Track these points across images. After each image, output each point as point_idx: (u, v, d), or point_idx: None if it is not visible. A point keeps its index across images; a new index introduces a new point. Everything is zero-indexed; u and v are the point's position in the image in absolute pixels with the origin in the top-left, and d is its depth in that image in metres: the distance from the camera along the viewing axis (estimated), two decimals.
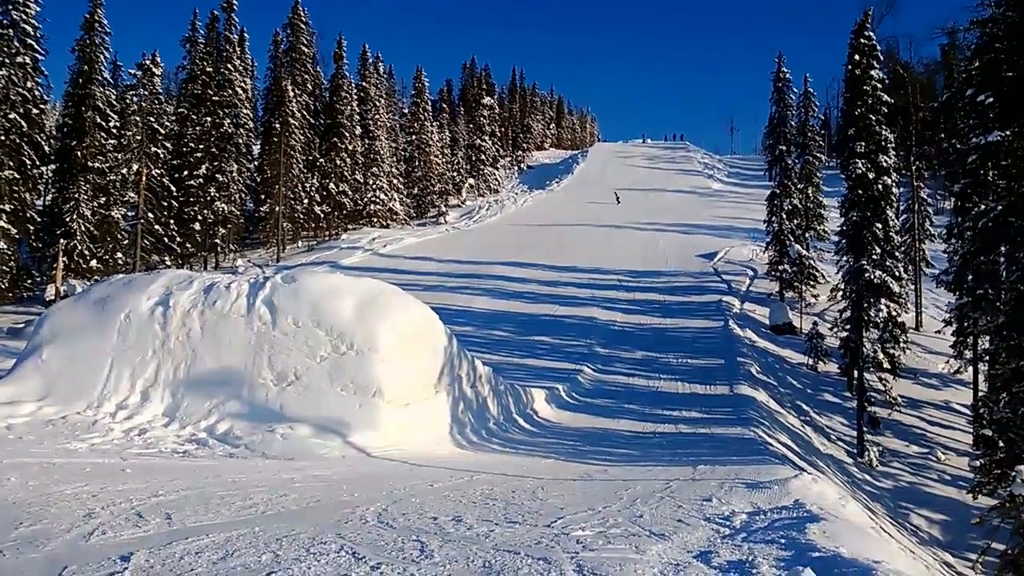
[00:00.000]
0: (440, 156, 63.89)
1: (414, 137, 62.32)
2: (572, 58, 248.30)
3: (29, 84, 32.81)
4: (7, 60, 31.22)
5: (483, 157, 70.50)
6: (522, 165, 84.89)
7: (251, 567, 4.03)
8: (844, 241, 23.62)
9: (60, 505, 5.68)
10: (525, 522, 5.45)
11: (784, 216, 35.85)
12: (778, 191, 36.56)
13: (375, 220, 53.32)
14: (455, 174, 67.22)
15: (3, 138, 30.46)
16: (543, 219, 56.31)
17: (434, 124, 64.76)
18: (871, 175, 21.70)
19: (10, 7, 31.98)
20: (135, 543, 4.60)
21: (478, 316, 30.02)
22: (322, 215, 50.12)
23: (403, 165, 60.55)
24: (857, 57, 22.61)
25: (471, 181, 69.27)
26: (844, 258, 23.76)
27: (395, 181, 56.68)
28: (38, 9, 33.14)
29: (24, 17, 32.33)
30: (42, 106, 35.44)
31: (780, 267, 34.87)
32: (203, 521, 5.34)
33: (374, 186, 53.57)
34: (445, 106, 75.79)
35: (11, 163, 30.68)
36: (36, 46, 33.20)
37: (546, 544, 4.56)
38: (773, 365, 25.46)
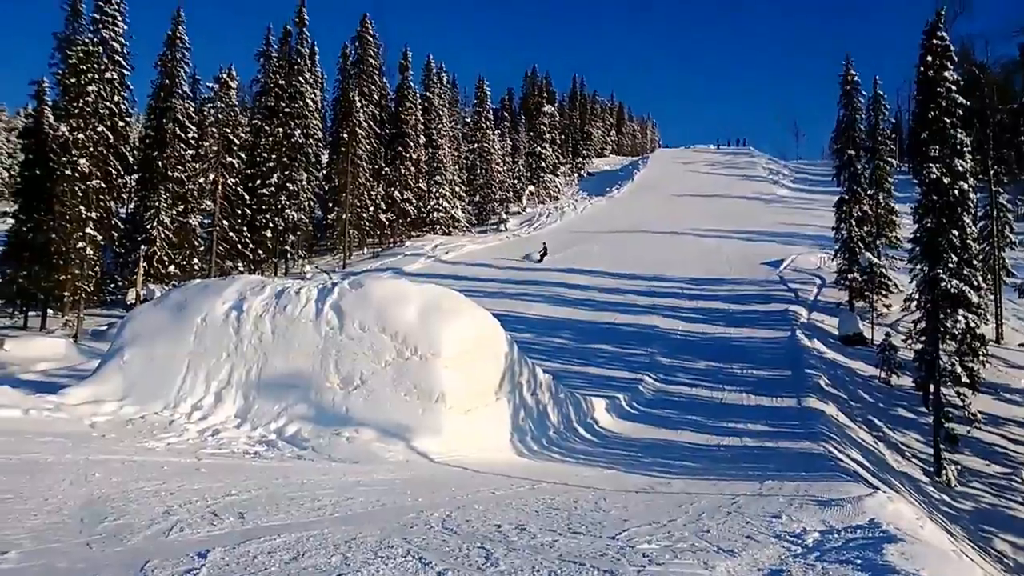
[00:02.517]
0: (501, 164, 64.25)
1: (476, 145, 62.87)
2: (633, 64, 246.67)
3: (116, 98, 34.52)
4: (97, 76, 32.87)
5: (543, 164, 70.58)
6: (582, 172, 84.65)
7: (321, 568, 4.12)
8: (918, 249, 22.77)
9: (141, 501, 5.92)
10: (589, 533, 5.42)
11: (853, 223, 34.77)
12: (847, 197, 35.50)
13: (438, 227, 53.98)
14: (516, 181, 67.47)
15: (91, 150, 32.05)
16: (603, 226, 55.97)
17: (495, 132, 65.21)
18: (946, 180, 20.88)
19: (100, 26, 33.71)
20: (211, 540, 4.75)
21: (537, 323, 30.01)
22: (387, 222, 51.03)
23: (465, 173, 61.16)
24: (930, 58, 21.82)
25: (531, 188, 69.43)
26: (918, 266, 22.90)
27: (457, 189, 57.27)
28: (125, 27, 34.85)
29: (113, 35, 34.05)
30: (127, 119, 37.26)
31: (850, 276, 33.81)
32: (274, 521, 5.48)
33: (437, 194, 54.25)
34: (506, 114, 76.18)
35: (98, 173, 32.25)
36: (123, 62, 34.93)
37: (611, 556, 4.53)
38: (843, 378, 24.68)
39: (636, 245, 48.03)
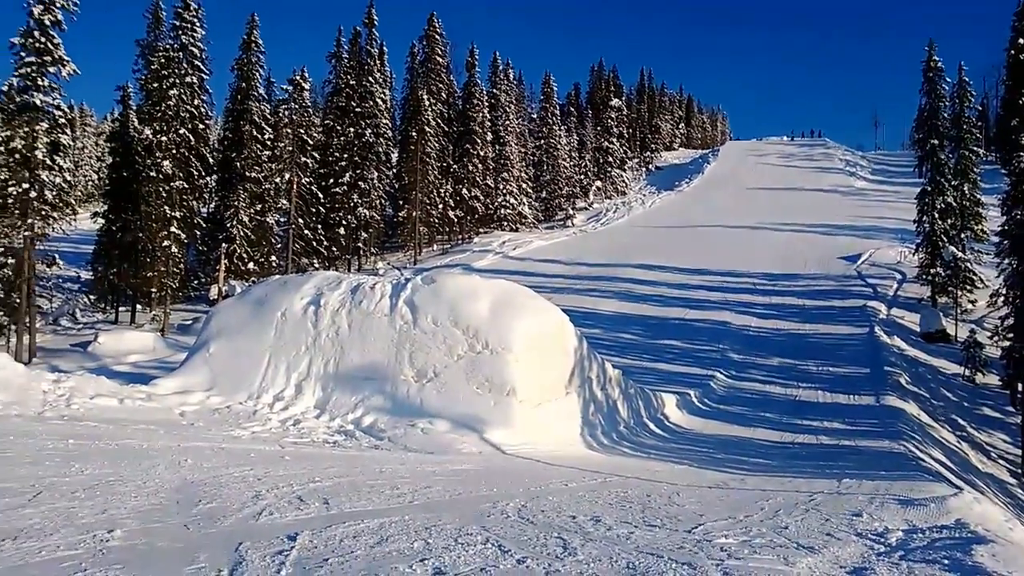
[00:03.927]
0: (568, 159, 64.09)
1: (542, 141, 62.89)
2: (702, 55, 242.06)
3: (196, 102, 36.01)
4: (178, 80, 34.36)
5: (610, 159, 70.09)
6: (650, 166, 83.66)
7: (404, 553, 4.26)
8: (1006, 242, 21.76)
9: (231, 486, 6.21)
10: (664, 526, 5.43)
11: (936, 215, 33.40)
12: (930, 188, 34.12)
13: (505, 224, 54.30)
14: (582, 177, 67.21)
15: (174, 152, 33.54)
16: (672, 220, 55.27)
17: (562, 128, 65.07)
18: None
19: (180, 32, 35.20)
20: (299, 524, 4.96)
21: (606, 319, 29.91)
22: (455, 219, 51.65)
23: (532, 169, 61.28)
24: (1021, 41, 20.76)
25: (598, 184, 69.05)
26: (1007, 260, 21.90)
27: (524, 185, 57.45)
28: (203, 33, 36.30)
29: (192, 40, 35.51)
30: (207, 121, 38.86)
31: (932, 270, 32.53)
32: (357, 507, 5.68)
33: (504, 190, 54.57)
34: (573, 109, 75.89)
35: (181, 174, 33.74)
36: (202, 67, 36.40)
37: (689, 549, 4.54)
38: (924, 375, 23.79)
39: (707, 240, 47.26)
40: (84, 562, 3.76)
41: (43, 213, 26.11)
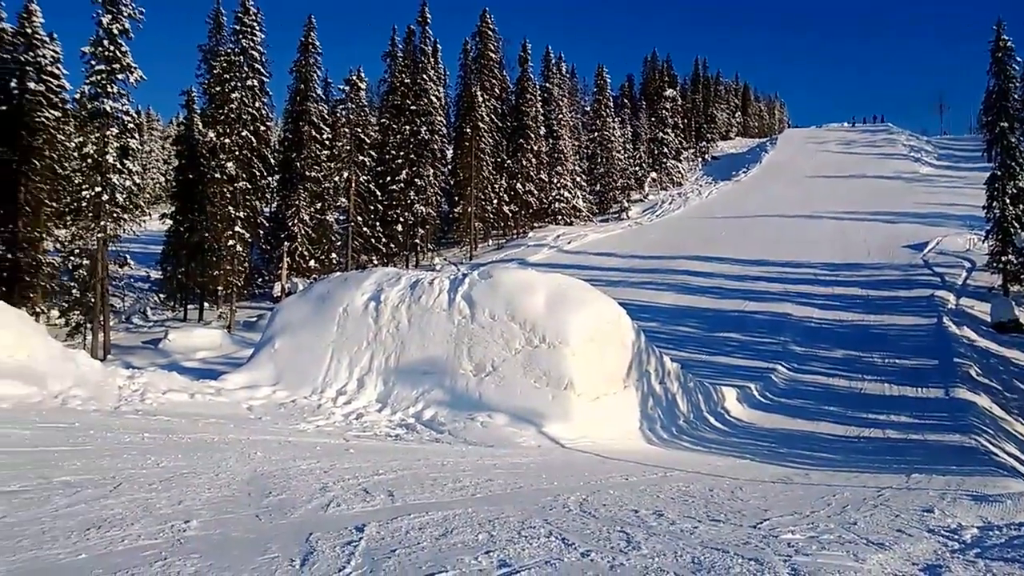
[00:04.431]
0: (622, 152, 63.57)
1: (596, 134, 62.53)
2: (758, 43, 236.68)
3: (257, 104, 36.93)
4: (239, 84, 35.31)
5: (665, 150, 69.25)
6: (706, 156, 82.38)
7: (469, 545, 4.31)
8: None
9: (299, 478, 6.38)
10: (728, 521, 5.38)
11: (1007, 201, 32.05)
12: (999, 173, 32.76)
13: (559, 218, 54.21)
14: (637, 169, 66.58)
15: (237, 153, 34.51)
16: (729, 211, 54.33)
17: (616, 120, 64.56)
18: None
19: (240, 36, 36.15)
20: (365, 516, 5.07)
21: (663, 312, 29.62)
22: (510, 214, 51.81)
23: (585, 162, 61.01)
24: None
25: (653, 175, 68.31)
26: None
27: (578, 179, 57.25)
28: (263, 36, 37.19)
29: (252, 44, 36.42)
30: (267, 123, 39.83)
31: (1003, 258, 31.27)
32: (421, 499, 5.78)
33: (558, 184, 54.48)
34: (626, 101, 75.20)
35: (244, 175, 34.69)
36: (262, 70, 37.31)
37: (755, 545, 4.48)
38: (996, 367, 22.86)
39: (766, 230, 46.31)
40: (164, 551, 3.92)
41: (115, 215, 27.18)
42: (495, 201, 50.58)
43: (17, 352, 10.07)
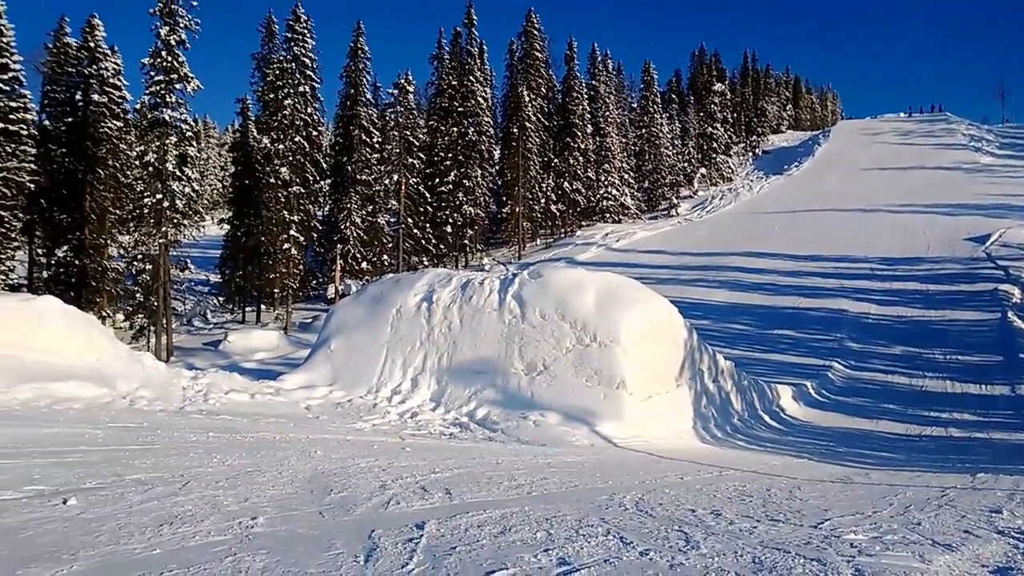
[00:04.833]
0: (670, 148, 62.93)
1: (643, 131, 62.03)
2: (808, 34, 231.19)
3: (309, 110, 37.73)
4: (292, 91, 36.11)
5: (715, 145, 68.30)
6: (757, 150, 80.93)
7: (528, 543, 4.36)
8: None
9: (358, 476, 6.52)
10: (788, 521, 5.31)
11: None
12: None
13: (607, 216, 53.95)
14: (686, 165, 65.80)
15: (290, 158, 35.31)
16: (781, 206, 53.29)
17: (663, 116, 63.94)
18: None
19: (292, 44, 36.95)
20: (424, 513, 5.16)
21: (714, 309, 29.26)
22: (557, 213, 51.77)
23: (633, 159, 60.55)
24: None
25: (703, 171, 67.43)
26: None
27: (626, 176, 56.87)
28: (313, 43, 37.95)
29: (303, 51, 37.22)
30: (319, 128, 40.66)
31: None
32: (477, 497, 5.85)
33: (606, 182, 54.21)
34: (674, 96, 74.32)
35: (297, 180, 35.49)
36: (313, 76, 38.11)
37: (816, 545, 4.43)
38: None
39: (820, 224, 45.32)
40: (233, 546, 4.05)
41: (175, 221, 28.08)
42: (543, 200, 50.59)
43: (88, 355, 10.51)
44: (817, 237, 41.56)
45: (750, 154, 79.30)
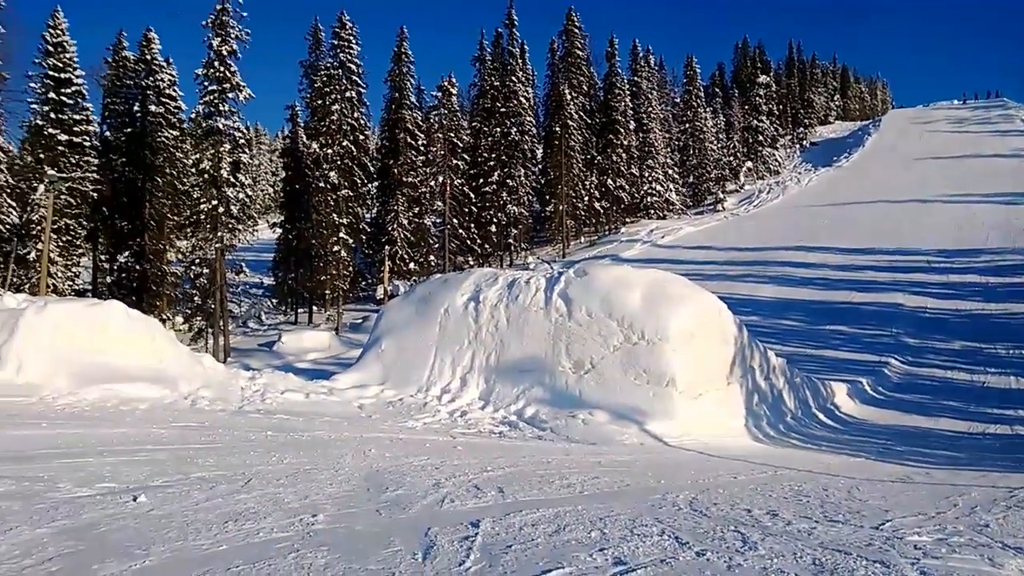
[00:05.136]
0: (715, 142, 62.13)
1: (687, 125, 61.37)
2: (855, 22, 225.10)
3: (355, 114, 38.40)
4: (339, 96, 36.75)
5: (760, 138, 67.16)
6: (804, 142, 79.37)
7: (583, 542, 4.37)
8: None
9: (412, 475, 6.61)
10: (848, 522, 5.22)
11: None
12: None
13: (652, 212, 53.53)
14: (731, 159, 64.89)
15: (339, 163, 35.96)
16: (831, 198, 52.13)
17: (707, 110, 63.16)
18: None
19: (338, 50, 37.57)
20: (479, 512, 5.21)
21: (764, 305, 28.80)
22: (601, 210, 51.58)
23: (677, 155, 59.95)
24: None
25: (749, 164, 66.36)
26: None
27: (670, 171, 56.34)
28: (358, 49, 38.55)
29: (349, 57, 37.84)
30: (366, 132, 41.34)
31: None
32: (530, 496, 5.88)
33: (650, 178, 53.79)
34: (718, 90, 73.33)
35: (346, 183, 36.15)
36: (359, 81, 38.74)
37: (878, 547, 4.34)
38: None
39: (871, 216, 44.20)
40: (296, 543, 4.16)
41: (230, 226, 28.84)
42: (586, 198, 50.43)
43: (151, 357, 10.87)
44: (869, 230, 40.56)
45: (797, 146, 77.76)
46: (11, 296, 12.77)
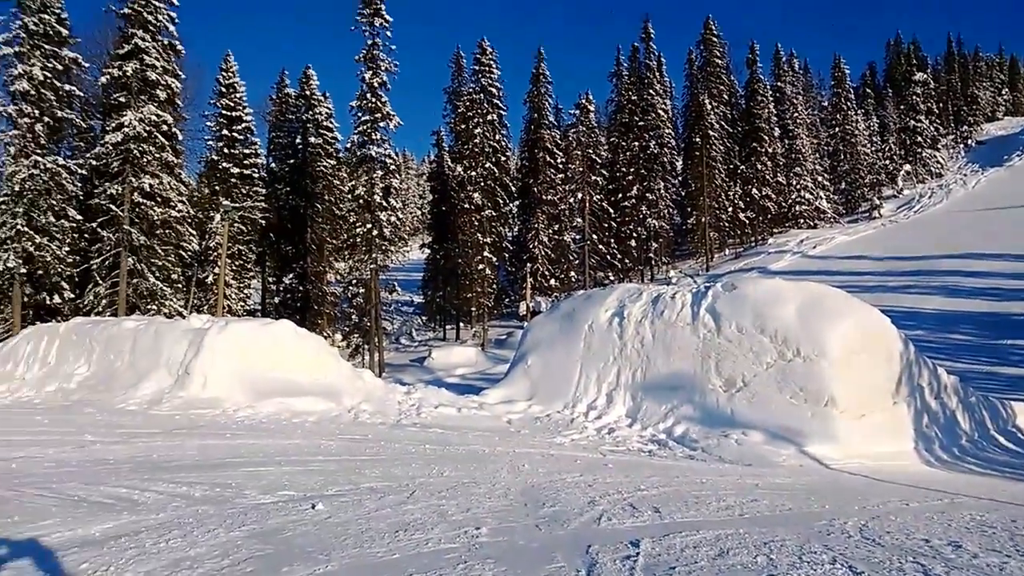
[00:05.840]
0: (868, 145, 58.57)
1: (837, 129, 58.34)
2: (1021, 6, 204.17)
3: (497, 137, 39.62)
4: (481, 120, 38.06)
5: (919, 139, 62.57)
6: (969, 141, 73.13)
7: (749, 567, 4.27)
8: None
9: (567, 491, 6.70)
10: None
11: None
12: None
13: (801, 221, 51.19)
14: (887, 162, 60.88)
15: (482, 184, 37.18)
16: (1003, 200, 47.64)
17: (858, 112, 59.74)
18: None
19: (479, 76, 38.92)
20: (637, 531, 5.21)
21: (929, 318, 26.76)
22: (746, 221, 49.98)
23: (827, 160, 57.06)
24: None
25: (907, 168, 61.96)
26: None
27: (819, 178, 53.69)
28: (498, 73, 39.76)
29: (490, 81, 39.15)
30: (507, 153, 42.56)
31: None
32: (687, 517, 5.80)
33: (798, 186, 51.53)
34: (869, 91, 69.10)
35: (488, 204, 37.33)
36: (500, 104, 39.97)
37: None
38: None
39: None
40: (463, 555, 4.35)
41: (383, 248, 30.49)
42: (730, 209, 48.99)
43: (317, 372, 11.69)
44: None
45: (961, 146, 71.74)
46: (196, 317, 14.17)
